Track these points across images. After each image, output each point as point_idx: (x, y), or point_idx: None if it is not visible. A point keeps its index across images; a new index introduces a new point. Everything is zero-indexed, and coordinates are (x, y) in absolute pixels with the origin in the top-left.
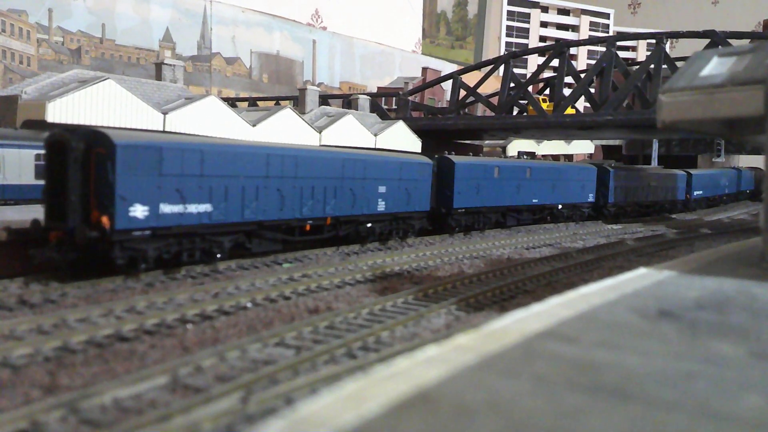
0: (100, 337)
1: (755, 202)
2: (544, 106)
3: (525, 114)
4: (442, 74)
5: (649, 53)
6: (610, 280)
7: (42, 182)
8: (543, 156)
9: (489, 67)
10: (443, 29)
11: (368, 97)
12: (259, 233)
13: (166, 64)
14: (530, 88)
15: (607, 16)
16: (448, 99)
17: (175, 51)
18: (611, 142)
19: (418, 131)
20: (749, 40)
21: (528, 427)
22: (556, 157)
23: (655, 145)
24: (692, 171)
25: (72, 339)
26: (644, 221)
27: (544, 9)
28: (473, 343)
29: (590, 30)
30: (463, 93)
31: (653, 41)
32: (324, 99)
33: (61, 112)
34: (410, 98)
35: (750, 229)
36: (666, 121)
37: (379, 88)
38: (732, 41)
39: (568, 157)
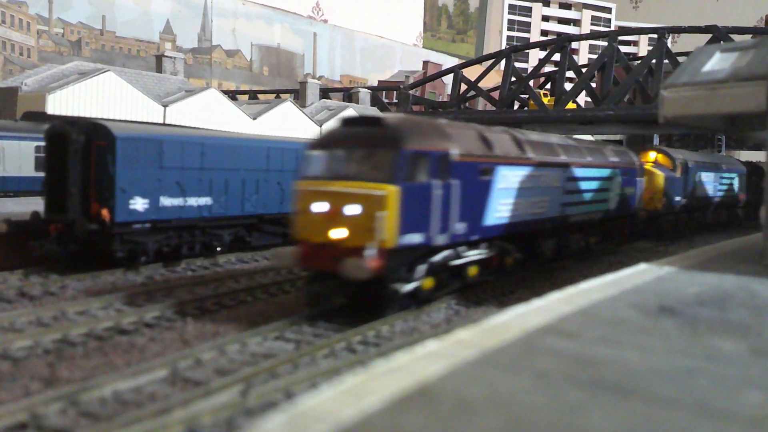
0: (100, 330)
1: None
2: (545, 100)
3: (526, 108)
4: (443, 68)
5: (650, 48)
6: (610, 275)
7: (42, 174)
8: None
9: (490, 61)
10: (444, 23)
11: (369, 91)
12: (259, 227)
13: (167, 56)
14: (531, 83)
15: (608, 10)
16: (449, 93)
17: (175, 43)
18: (612, 137)
19: None
20: (751, 35)
21: (528, 422)
22: None
23: (656, 141)
24: None
25: (72, 331)
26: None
27: (546, 3)
28: (474, 338)
29: (592, 24)
30: (464, 87)
31: (655, 36)
32: (324, 92)
33: (61, 104)
34: (411, 92)
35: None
36: (668, 116)
37: (379, 81)
38: (734, 37)
39: None
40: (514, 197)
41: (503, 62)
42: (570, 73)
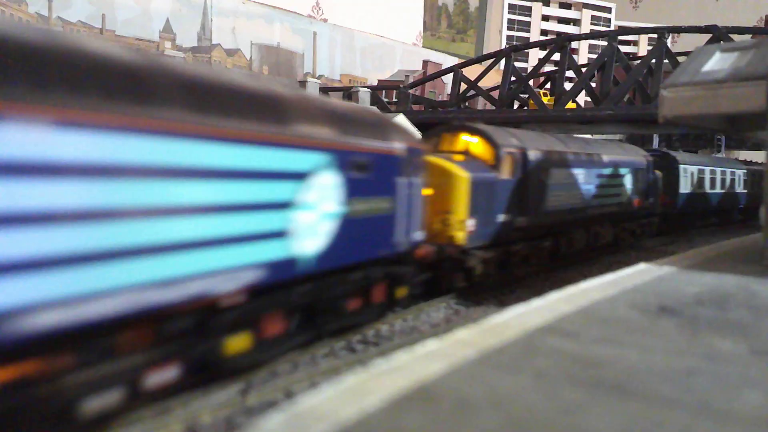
0: None
1: None
2: (545, 100)
3: (526, 108)
4: (443, 67)
5: (650, 48)
6: (610, 275)
7: None
8: None
9: (490, 61)
10: (444, 22)
11: (369, 90)
12: None
13: (167, 55)
14: (531, 82)
15: (608, 10)
16: (449, 92)
17: (175, 42)
18: (612, 137)
19: (418, 124)
20: (751, 35)
21: (528, 422)
22: None
23: (656, 141)
24: None
25: None
26: None
27: (546, 2)
28: (473, 338)
29: (592, 24)
30: (463, 86)
31: (655, 36)
32: (324, 91)
33: None
34: (411, 91)
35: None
36: (667, 116)
37: (379, 80)
38: (734, 36)
39: None
40: None
41: (503, 62)
42: (570, 73)
